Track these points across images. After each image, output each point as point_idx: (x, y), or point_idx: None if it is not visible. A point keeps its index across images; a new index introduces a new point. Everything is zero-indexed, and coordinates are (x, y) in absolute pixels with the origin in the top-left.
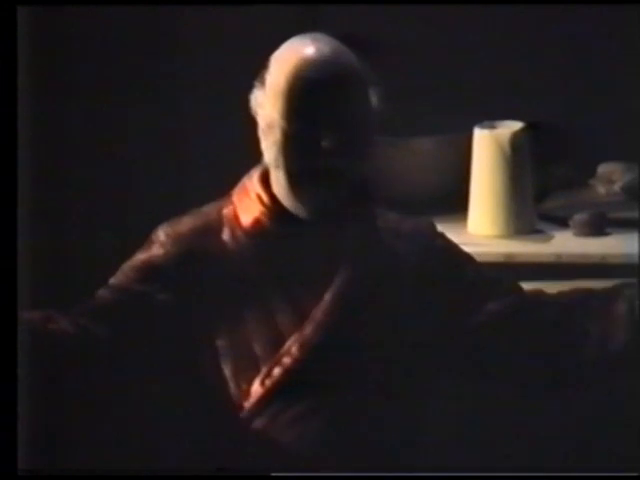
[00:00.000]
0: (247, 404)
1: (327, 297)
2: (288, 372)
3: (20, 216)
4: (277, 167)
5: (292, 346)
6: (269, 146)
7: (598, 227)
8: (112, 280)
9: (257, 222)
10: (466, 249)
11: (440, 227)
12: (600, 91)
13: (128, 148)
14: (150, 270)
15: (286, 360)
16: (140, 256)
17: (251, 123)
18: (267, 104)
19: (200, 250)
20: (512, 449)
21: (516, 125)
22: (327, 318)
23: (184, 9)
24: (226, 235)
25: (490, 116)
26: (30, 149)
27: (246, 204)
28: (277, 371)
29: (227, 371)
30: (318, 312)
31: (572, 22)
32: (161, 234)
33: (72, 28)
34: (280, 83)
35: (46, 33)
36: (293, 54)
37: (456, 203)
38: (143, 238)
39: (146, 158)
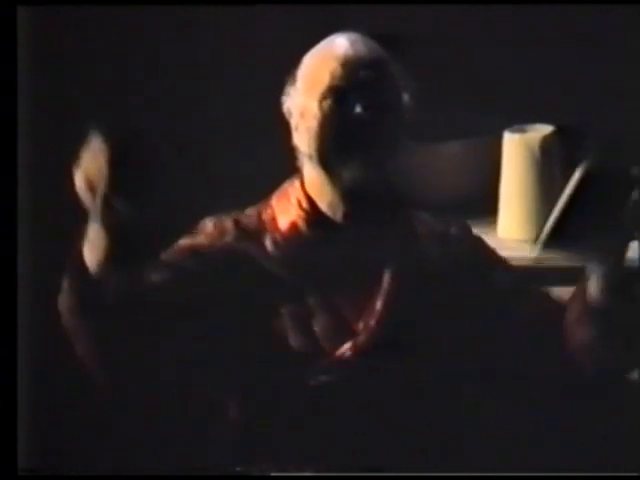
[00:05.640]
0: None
1: (378, 305)
2: (337, 378)
3: (20, 216)
4: (311, 156)
5: (345, 353)
6: (302, 134)
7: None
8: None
9: (294, 226)
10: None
11: None
12: (633, 95)
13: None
14: (194, 253)
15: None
16: (185, 241)
17: (282, 129)
18: (300, 95)
19: (242, 250)
20: (512, 449)
21: (546, 129)
22: (380, 326)
23: (185, 9)
24: (267, 240)
25: (520, 120)
26: (30, 149)
27: (285, 207)
28: (324, 379)
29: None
30: (371, 321)
31: (606, 26)
32: (208, 225)
33: (72, 28)
34: (315, 69)
35: (46, 33)
36: (326, 45)
37: (486, 207)
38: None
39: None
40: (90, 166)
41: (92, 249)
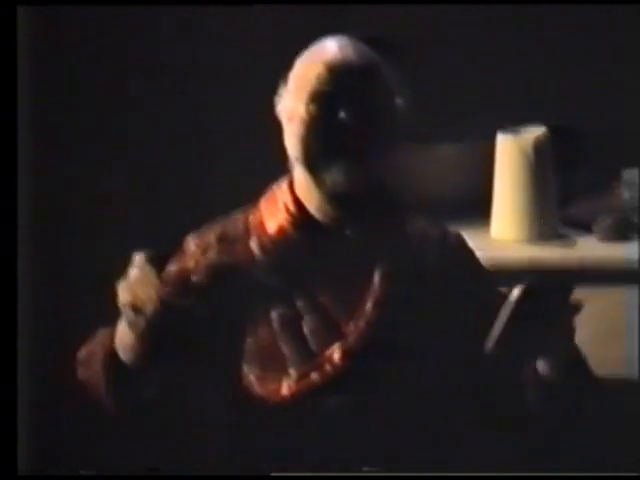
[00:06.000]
0: (275, 402)
1: (368, 306)
2: (326, 378)
3: (20, 216)
4: (297, 159)
5: (334, 354)
6: (291, 137)
7: (622, 232)
8: None
9: (281, 230)
10: (490, 254)
11: (464, 232)
12: (626, 96)
13: (128, 149)
14: (183, 283)
15: (327, 367)
16: (173, 268)
17: (276, 129)
18: (290, 98)
19: (229, 259)
20: (512, 448)
21: (539, 130)
22: (370, 327)
23: (185, 9)
24: (254, 243)
25: (513, 121)
26: (30, 149)
27: (273, 211)
28: (315, 376)
29: (253, 373)
30: (361, 322)
31: (597, 27)
32: (191, 245)
33: (72, 28)
34: (303, 72)
35: (46, 33)
36: (317, 48)
37: (480, 208)
38: (145, 242)
39: (142, 160)
40: (140, 290)
41: (124, 349)
